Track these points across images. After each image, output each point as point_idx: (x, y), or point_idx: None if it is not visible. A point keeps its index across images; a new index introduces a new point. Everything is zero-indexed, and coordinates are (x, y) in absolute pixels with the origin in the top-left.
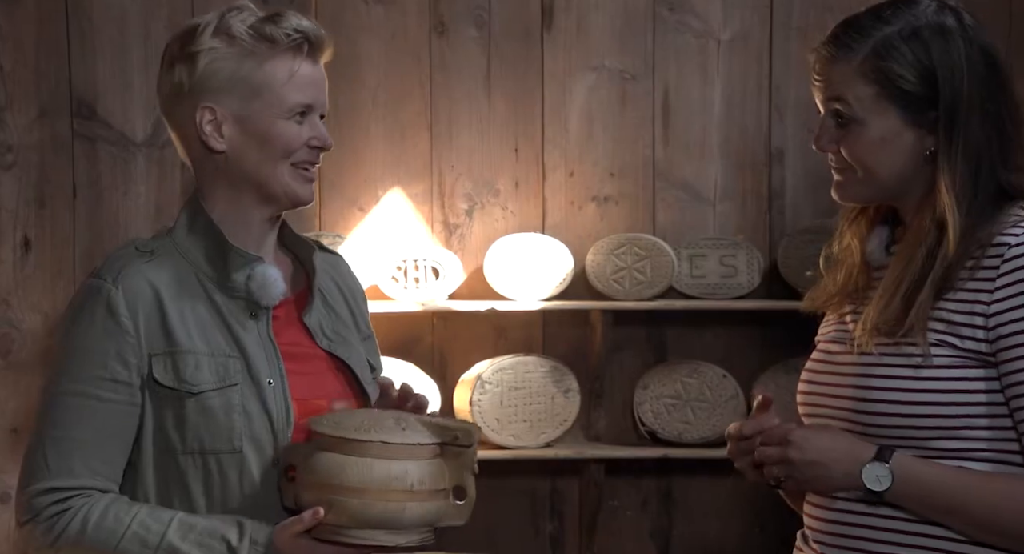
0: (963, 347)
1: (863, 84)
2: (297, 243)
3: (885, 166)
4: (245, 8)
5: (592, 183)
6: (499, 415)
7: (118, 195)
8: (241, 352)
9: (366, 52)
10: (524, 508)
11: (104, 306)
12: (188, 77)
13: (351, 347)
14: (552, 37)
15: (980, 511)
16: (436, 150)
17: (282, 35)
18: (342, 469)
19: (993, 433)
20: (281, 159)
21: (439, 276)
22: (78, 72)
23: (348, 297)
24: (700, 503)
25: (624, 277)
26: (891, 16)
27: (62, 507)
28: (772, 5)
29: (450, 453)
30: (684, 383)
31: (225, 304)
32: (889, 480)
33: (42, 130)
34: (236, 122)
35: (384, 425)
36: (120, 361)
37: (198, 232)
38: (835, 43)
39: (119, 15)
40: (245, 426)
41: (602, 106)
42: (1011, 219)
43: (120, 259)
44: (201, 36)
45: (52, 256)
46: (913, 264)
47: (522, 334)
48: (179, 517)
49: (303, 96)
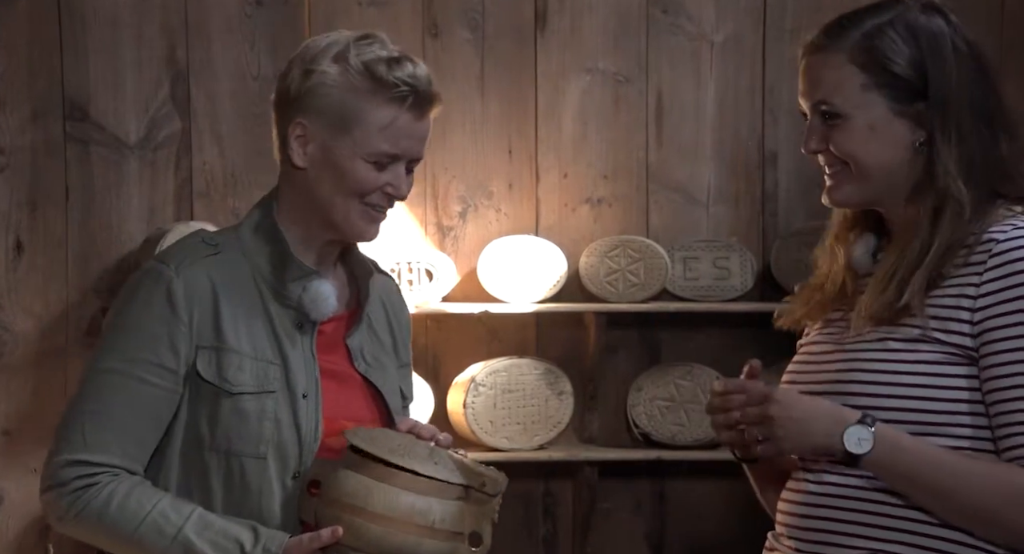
0: (949, 342)
1: (854, 70)
2: (356, 262)
3: (876, 157)
4: (376, 41)
5: (586, 185)
6: (493, 417)
7: (111, 197)
8: (283, 361)
9: None
10: (517, 510)
11: (164, 292)
12: (297, 87)
13: (386, 374)
14: (546, 39)
15: (961, 492)
16: (429, 152)
17: (392, 81)
18: (369, 493)
19: (975, 430)
20: (352, 196)
21: (432, 278)
22: (71, 74)
23: (393, 323)
24: (694, 506)
25: (618, 279)
26: (882, 8)
27: (89, 481)
28: (765, 7)
29: (474, 498)
30: (678, 385)
31: (276, 312)
32: (870, 444)
33: (34, 132)
34: (321, 147)
35: (417, 453)
36: (170, 348)
37: (263, 235)
38: (827, 33)
39: (112, 17)
40: (274, 434)
41: (596, 108)
42: (999, 216)
43: (186, 249)
44: (323, 56)
45: (44, 259)
46: (908, 254)
47: (516, 336)
48: (198, 512)
49: (392, 146)
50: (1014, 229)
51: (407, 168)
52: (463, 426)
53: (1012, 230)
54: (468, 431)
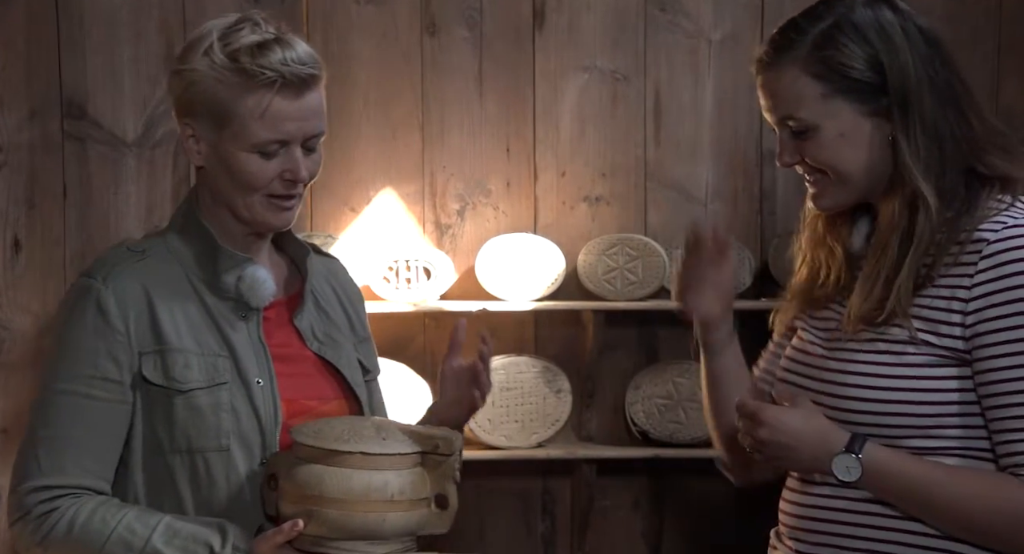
0: (940, 345)
1: (811, 82)
2: (292, 245)
3: (852, 162)
4: (246, 26)
5: (584, 183)
6: (491, 415)
7: (108, 195)
8: (231, 352)
9: (357, 52)
10: (516, 508)
11: (95, 306)
12: (176, 89)
13: (341, 350)
14: (544, 37)
15: (948, 506)
16: (428, 150)
17: (256, 70)
18: (321, 480)
19: (965, 431)
20: (249, 190)
21: (431, 276)
22: (68, 72)
23: (344, 300)
24: (692, 503)
25: (616, 277)
26: (824, 11)
27: (51, 506)
28: (763, 5)
29: (431, 462)
30: (676, 383)
31: (215, 305)
32: (859, 472)
33: (32, 130)
34: (210, 146)
35: (364, 435)
36: (111, 360)
37: (190, 233)
38: (775, 46)
39: (109, 15)
40: (233, 425)
41: (593, 106)
42: (990, 211)
43: (111, 259)
44: (192, 53)
45: (42, 257)
46: (889, 250)
47: (514, 334)
48: (165, 522)
49: (273, 133)
50: (1005, 227)
51: (306, 147)
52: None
53: (1003, 229)
54: (466, 429)
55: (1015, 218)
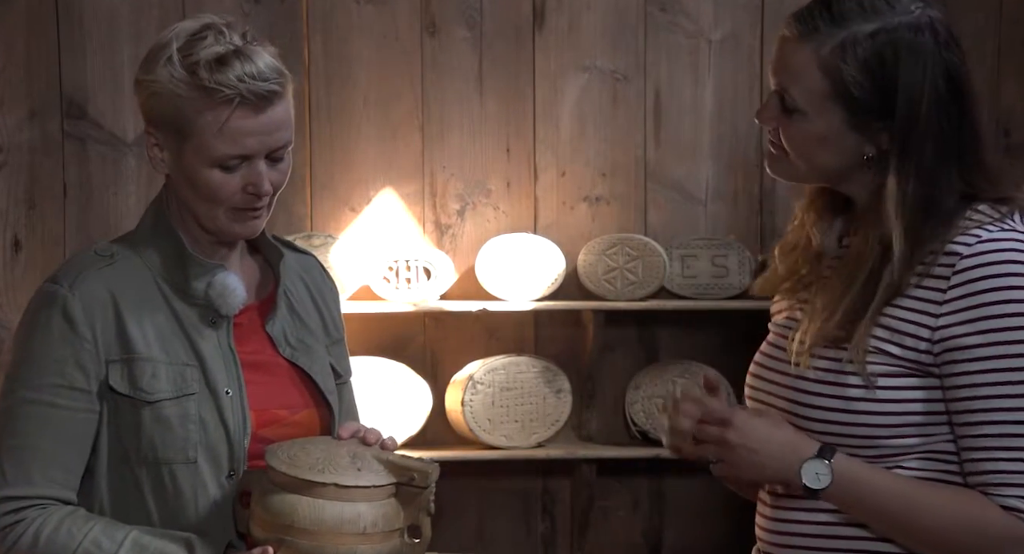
0: (901, 356)
1: (818, 75)
2: (266, 246)
3: (819, 160)
4: (209, 35)
5: (584, 183)
6: (491, 415)
7: (108, 195)
8: (199, 361)
9: (357, 52)
10: (516, 508)
11: (60, 313)
12: (139, 99)
13: (314, 355)
14: (544, 37)
15: (922, 525)
16: (428, 150)
17: (213, 87)
18: (294, 510)
19: (926, 431)
20: (212, 203)
21: (431, 276)
22: (68, 72)
23: (318, 300)
24: (691, 503)
25: (616, 277)
26: (871, 11)
27: (16, 518)
28: (763, 5)
29: (406, 493)
30: (675, 383)
31: (184, 312)
32: (828, 479)
33: (32, 130)
34: (172, 156)
35: (339, 464)
36: (78, 368)
37: (159, 238)
38: (806, 22)
39: (109, 16)
40: (201, 437)
41: (593, 106)
42: (963, 225)
43: (78, 264)
44: (154, 63)
45: (42, 256)
46: (855, 285)
47: (514, 334)
48: (132, 536)
49: (233, 148)
50: (979, 242)
51: (271, 158)
52: (461, 424)
53: (976, 243)
54: (466, 429)
55: (990, 232)
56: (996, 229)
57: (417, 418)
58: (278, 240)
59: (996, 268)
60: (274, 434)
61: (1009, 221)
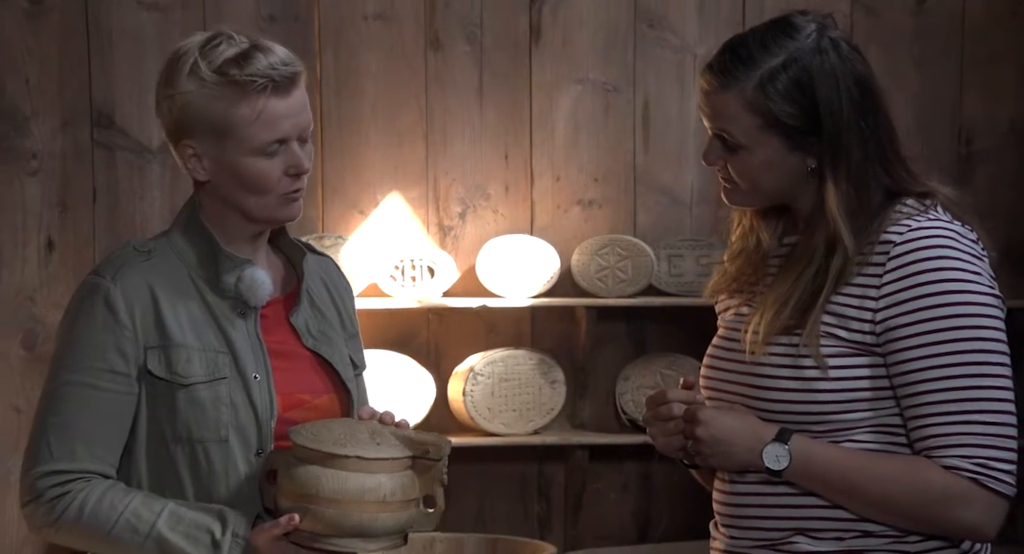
0: (848, 339)
1: (748, 115)
2: (289, 246)
3: (770, 183)
4: (222, 40)
5: (577, 188)
6: (490, 404)
7: (135, 199)
8: (230, 348)
9: (366, 65)
10: (514, 491)
11: (103, 302)
12: (169, 115)
13: (335, 346)
14: (540, 51)
15: (872, 491)
16: (431, 157)
17: (246, 79)
18: (318, 481)
19: (875, 406)
20: (261, 192)
21: (434, 275)
22: (98, 85)
23: (336, 298)
24: (677, 486)
25: (607, 276)
26: (775, 46)
27: (63, 490)
28: (744, 22)
29: (421, 465)
30: (663, 374)
31: (216, 303)
32: (787, 460)
33: (64, 138)
34: (214, 160)
35: (359, 439)
36: (118, 353)
37: (192, 235)
38: (723, 72)
39: (136, 31)
40: (232, 417)
41: (586, 116)
42: (893, 217)
43: (119, 258)
44: (177, 78)
45: (74, 256)
46: (803, 279)
47: (512, 329)
48: (169, 508)
49: (272, 133)
50: (909, 230)
51: (301, 139)
52: (463, 413)
53: (907, 231)
54: (467, 417)
55: (918, 222)
56: (923, 219)
57: (422, 407)
58: (299, 242)
59: (925, 252)
60: (298, 416)
61: (933, 212)
